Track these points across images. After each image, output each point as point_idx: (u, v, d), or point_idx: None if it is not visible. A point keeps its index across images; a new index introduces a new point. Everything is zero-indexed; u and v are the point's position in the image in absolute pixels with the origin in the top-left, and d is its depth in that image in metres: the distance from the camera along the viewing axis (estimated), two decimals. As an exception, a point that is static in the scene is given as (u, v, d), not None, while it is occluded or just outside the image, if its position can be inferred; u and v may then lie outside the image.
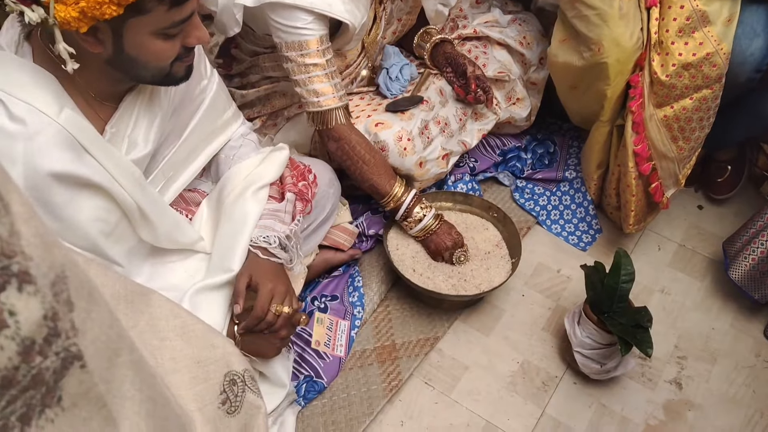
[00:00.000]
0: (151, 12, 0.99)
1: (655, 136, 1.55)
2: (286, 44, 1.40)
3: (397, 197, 1.52)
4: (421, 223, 1.55)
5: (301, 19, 1.36)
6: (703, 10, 1.46)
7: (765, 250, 1.55)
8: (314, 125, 1.49)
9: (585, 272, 1.46)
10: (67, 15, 0.93)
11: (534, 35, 1.82)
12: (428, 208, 1.55)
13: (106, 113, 1.15)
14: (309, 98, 1.44)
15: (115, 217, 1.14)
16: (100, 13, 0.93)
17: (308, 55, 1.39)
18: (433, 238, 1.56)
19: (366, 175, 1.50)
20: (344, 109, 1.47)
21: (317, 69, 1.40)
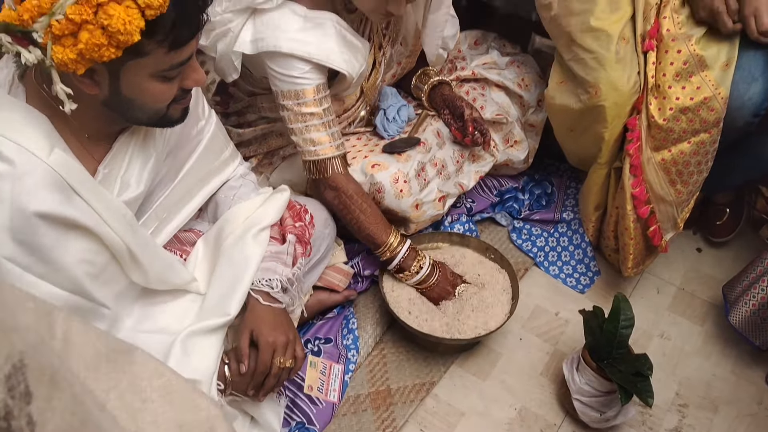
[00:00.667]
0: (150, 55, 0.98)
1: (653, 180, 1.54)
2: (282, 93, 1.40)
3: (392, 248, 1.51)
4: (417, 275, 1.53)
5: (298, 68, 1.36)
6: (700, 55, 1.46)
7: (765, 296, 1.53)
8: (310, 174, 1.47)
9: (583, 317, 1.43)
10: (64, 57, 0.92)
11: (532, 77, 1.83)
12: (423, 259, 1.53)
13: (100, 153, 1.14)
14: (305, 147, 1.43)
15: (103, 259, 1.12)
16: (98, 55, 0.92)
17: (305, 104, 1.39)
18: (434, 288, 1.55)
19: (362, 225, 1.49)
20: (342, 158, 1.46)
21: (314, 118, 1.40)
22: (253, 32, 1.38)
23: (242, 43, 1.38)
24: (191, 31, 1.02)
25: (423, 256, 1.54)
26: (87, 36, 0.91)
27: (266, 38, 1.36)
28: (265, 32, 1.36)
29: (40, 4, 0.90)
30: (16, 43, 0.93)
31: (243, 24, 1.38)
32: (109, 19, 0.89)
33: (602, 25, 1.50)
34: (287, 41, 1.34)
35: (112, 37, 0.91)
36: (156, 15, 0.93)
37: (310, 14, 1.37)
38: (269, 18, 1.36)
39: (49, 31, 0.91)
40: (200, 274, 1.33)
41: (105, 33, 0.91)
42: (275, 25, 1.35)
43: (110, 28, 0.90)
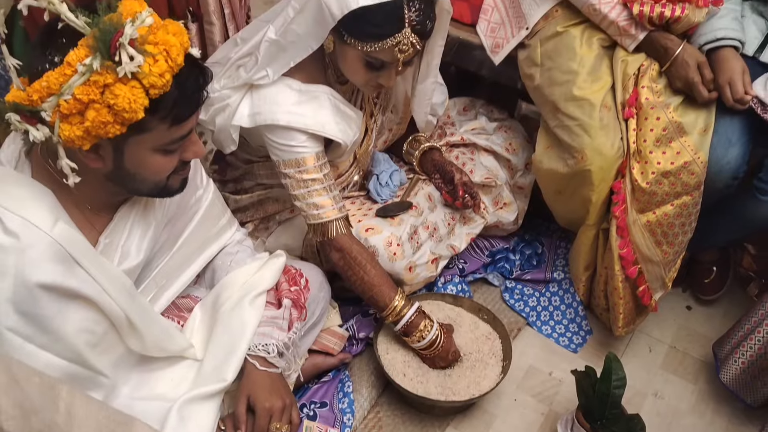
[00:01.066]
0: (153, 130, 1.03)
1: (640, 241, 1.58)
2: (284, 162, 1.45)
3: (397, 310, 1.50)
4: (423, 341, 1.52)
5: (297, 138, 1.42)
6: (678, 122, 1.53)
7: (754, 354, 1.55)
8: (316, 236, 1.51)
9: (576, 378, 1.45)
10: (71, 134, 0.97)
11: (519, 142, 1.89)
12: (429, 328, 1.52)
13: (101, 224, 1.17)
14: (309, 211, 1.47)
15: (103, 328, 1.15)
16: (104, 132, 0.97)
17: (306, 171, 1.44)
18: (433, 356, 1.55)
19: (367, 286, 1.50)
20: (344, 219, 1.50)
21: (315, 183, 1.45)
22: (251, 106, 1.44)
23: (240, 117, 1.44)
24: (192, 108, 1.07)
25: (431, 322, 1.53)
26: (94, 114, 0.96)
27: (264, 112, 1.42)
28: (262, 107, 1.42)
29: (50, 86, 0.95)
30: (25, 121, 0.98)
31: (240, 99, 1.44)
32: (116, 98, 0.95)
33: (585, 94, 1.57)
34: (284, 114, 1.40)
35: (118, 115, 0.96)
36: (159, 94, 0.98)
37: (304, 88, 1.44)
38: (266, 93, 1.42)
39: (57, 110, 0.96)
40: (197, 340, 1.35)
41: (111, 111, 0.96)
42: (272, 99, 1.41)
43: (116, 107, 0.95)
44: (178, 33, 1.01)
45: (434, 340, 1.52)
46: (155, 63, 0.96)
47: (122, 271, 1.17)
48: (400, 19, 1.29)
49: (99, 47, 0.93)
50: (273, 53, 1.39)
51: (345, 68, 1.43)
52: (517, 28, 1.74)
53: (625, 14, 1.54)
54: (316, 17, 1.31)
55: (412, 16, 1.30)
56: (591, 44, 1.60)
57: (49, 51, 0.98)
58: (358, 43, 1.33)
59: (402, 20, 1.29)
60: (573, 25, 1.63)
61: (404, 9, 1.28)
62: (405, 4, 1.28)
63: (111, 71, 0.94)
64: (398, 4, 1.28)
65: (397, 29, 1.30)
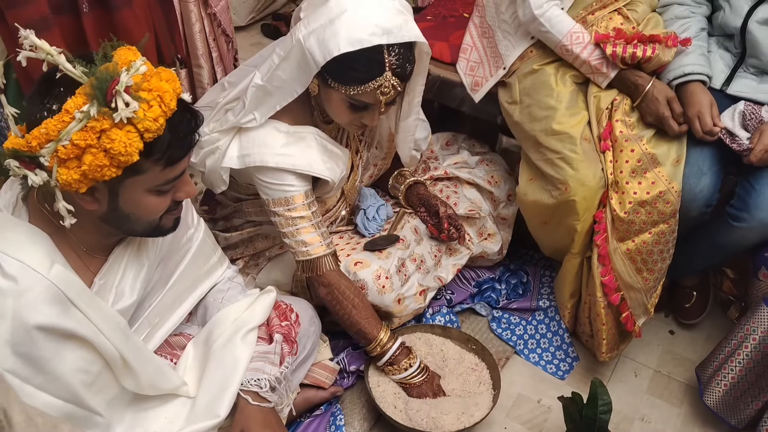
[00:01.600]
0: (147, 172, 1.07)
1: (621, 269, 1.63)
2: (273, 201, 1.49)
3: (383, 343, 1.56)
4: (405, 372, 1.57)
5: (285, 178, 1.47)
6: (652, 153, 1.59)
7: (735, 376, 1.59)
8: (304, 273, 1.54)
9: (563, 404, 1.48)
10: (69, 178, 1.01)
11: (501, 174, 1.95)
12: (414, 359, 1.58)
13: (96, 265, 1.20)
14: (298, 248, 1.51)
15: (98, 368, 1.17)
16: (100, 175, 1.01)
17: (295, 209, 1.48)
18: (415, 388, 1.59)
19: (355, 319, 1.54)
20: (332, 255, 1.54)
21: (304, 221, 1.49)
22: (239, 148, 1.49)
23: (230, 158, 1.49)
24: (184, 150, 1.11)
25: (414, 357, 1.59)
26: (91, 158, 1.00)
27: (253, 154, 1.46)
28: (251, 149, 1.47)
29: (48, 132, 0.99)
30: (24, 167, 1.02)
31: (229, 142, 1.49)
32: (112, 143, 0.99)
33: (564, 128, 1.63)
34: (273, 156, 1.45)
35: (114, 158, 1.00)
36: (153, 137, 1.03)
37: (291, 129, 1.49)
38: (254, 135, 1.47)
39: (55, 156, 1.00)
40: (190, 377, 1.37)
41: (107, 155, 1.00)
42: (261, 142, 1.46)
43: (112, 151, 0.99)
44: (170, 79, 1.06)
45: (415, 374, 1.57)
46: (150, 108, 1.01)
47: (117, 311, 1.19)
48: (381, 63, 1.35)
49: (96, 95, 0.98)
50: (260, 98, 1.45)
51: (330, 110, 1.48)
52: (495, 67, 1.81)
53: (597, 53, 1.61)
54: (300, 63, 1.37)
55: (392, 60, 1.35)
56: (565, 81, 1.67)
57: (47, 100, 1.02)
58: (342, 87, 1.38)
59: (382, 65, 1.35)
60: (547, 63, 1.70)
61: (384, 54, 1.34)
62: (385, 49, 1.34)
63: (107, 117, 0.98)
64: (378, 50, 1.33)
65: (378, 73, 1.36)
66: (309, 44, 1.34)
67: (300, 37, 1.35)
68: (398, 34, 1.34)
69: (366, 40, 1.31)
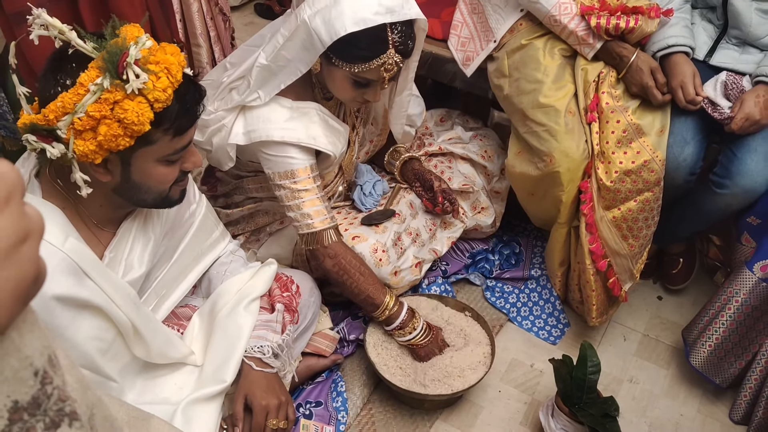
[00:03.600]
0: (157, 142, 1.13)
1: (607, 236, 1.69)
2: (278, 174, 1.54)
3: (390, 307, 1.60)
4: (411, 335, 1.62)
5: (290, 151, 1.52)
6: (637, 123, 1.65)
7: (719, 337, 1.66)
8: (307, 246, 1.57)
9: (554, 366, 1.55)
10: (85, 148, 1.06)
11: (494, 149, 2.00)
12: (418, 321, 1.63)
13: (106, 238, 1.26)
14: (303, 221, 1.55)
15: (111, 336, 1.23)
16: (115, 144, 1.07)
17: (300, 182, 1.53)
18: (423, 348, 1.64)
19: (363, 287, 1.58)
20: (335, 228, 1.58)
21: (309, 194, 1.54)
22: (245, 125, 1.53)
23: (236, 135, 1.54)
24: (191, 119, 1.17)
25: (418, 318, 1.64)
26: (105, 129, 1.05)
27: (258, 129, 1.51)
28: (256, 125, 1.51)
29: (65, 105, 1.04)
30: (41, 140, 1.07)
31: (234, 119, 1.54)
32: (125, 113, 1.04)
33: (550, 102, 1.68)
34: (278, 130, 1.50)
35: (127, 128, 1.06)
36: (163, 107, 1.08)
37: (295, 105, 1.54)
38: (259, 112, 1.52)
39: (71, 128, 1.05)
40: (197, 346, 1.43)
41: (121, 125, 1.06)
42: (266, 117, 1.51)
43: (126, 121, 1.05)
44: (175, 53, 1.11)
45: (421, 335, 1.62)
46: (158, 80, 1.06)
47: (127, 283, 1.25)
48: (384, 41, 1.40)
49: (108, 68, 1.03)
50: (264, 77, 1.49)
51: (333, 87, 1.53)
52: (485, 41, 1.86)
53: (583, 25, 1.66)
54: (305, 43, 1.41)
55: (395, 38, 1.41)
56: (553, 54, 1.72)
57: (60, 76, 1.07)
58: (346, 65, 1.43)
59: (386, 43, 1.40)
60: (536, 37, 1.74)
61: (388, 32, 1.39)
62: (388, 28, 1.39)
63: (120, 89, 1.04)
64: (382, 28, 1.38)
65: (382, 51, 1.41)
66: (315, 24, 1.38)
67: (305, 17, 1.39)
68: (401, 13, 1.39)
69: (370, 19, 1.36)
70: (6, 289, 0.34)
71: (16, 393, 0.36)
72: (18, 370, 0.36)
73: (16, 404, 0.36)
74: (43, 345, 0.39)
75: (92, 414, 0.46)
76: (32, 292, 0.37)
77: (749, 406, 1.67)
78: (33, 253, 0.36)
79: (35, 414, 0.37)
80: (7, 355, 0.36)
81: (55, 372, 0.40)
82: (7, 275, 0.33)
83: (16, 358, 0.36)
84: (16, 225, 0.34)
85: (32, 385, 0.37)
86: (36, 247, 0.36)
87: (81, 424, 0.41)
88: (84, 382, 0.46)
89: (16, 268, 0.34)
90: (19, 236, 0.34)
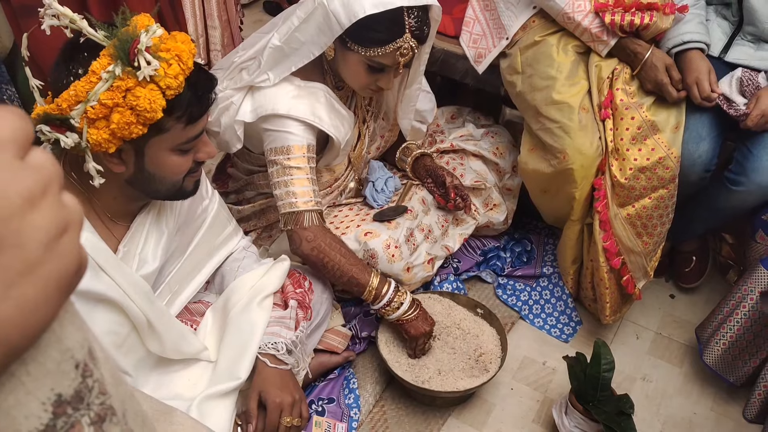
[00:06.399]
0: (170, 131, 1.13)
1: (621, 233, 1.69)
2: (274, 149, 1.52)
3: (375, 286, 1.55)
4: (398, 311, 1.58)
5: (291, 126, 1.50)
6: (652, 120, 1.64)
7: (734, 335, 1.65)
8: (286, 226, 1.53)
9: (567, 363, 1.54)
10: (98, 137, 1.06)
11: (506, 146, 2.00)
12: (404, 296, 1.59)
13: (120, 232, 1.26)
14: (286, 199, 1.51)
15: (126, 330, 1.23)
16: (128, 132, 1.06)
17: (293, 159, 1.50)
18: (412, 323, 1.59)
19: (345, 268, 1.53)
20: (318, 213, 1.53)
21: (299, 172, 1.51)
22: (253, 103, 1.53)
23: (243, 113, 1.54)
24: (203, 107, 1.17)
25: (403, 293, 1.60)
26: (118, 117, 1.05)
27: (265, 104, 1.51)
28: (263, 101, 1.51)
29: (77, 94, 1.04)
30: (54, 130, 1.07)
31: (243, 98, 1.54)
32: (137, 100, 1.04)
33: (563, 98, 1.67)
34: (284, 105, 1.50)
35: (140, 115, 1.05)
36: (174, 95, 1.08)
37: (303, 84, 1.54)
38: (266, 91, 1.52)
39: (84, 117, 1.05)
40: (210, 342, 1.43)
41: (134, 112, 1.05)
42: (273, 94, 1.51)
43: (138, 108, 1.04)
44: (185, 41, 1.11)
45: (407, 310, 1.58)
46: (169, 67, 1.06)
47: (140, 277, 1.25)
48: (401, 25, 1.41)
49: (119, 55, 1.03)
50: (276, 58, 1.49)
51: (346, 72, 1.53)
52: (498, 38, 1.85)
53: (597, 22, 1.65)
54: (321, 26, 1.42)
55: (411, 22, 1.41)
56: (567, 51, 1.71)
57: (72, 65, 1.07)
58: (361, 49, 1.43)
59: (402, 26, 1.41)
60: (549, 33, 1.74)
61: (404, 16, 1.40)
62: (405, 12, 1.40)
63: (131, 76, 1.03)
64: (399, 12, 1.39)
65: (399, 35, 1.41)
66: (333, 6, 1.38)
67: (323, 0, 1.39)
68: None
69: (389, 2, 1.37)
70: (49, 283, 0.33)
71: (59, 386, 0.35)
72: (60, 362, 0.36)
73: (59, 397, 0.35)
74: (83, 337, 0.39)
75: (125, 409, 0.45)
76: (74, 283, 0.36)
77: (763, 405, 1.66)
78: (73, 244, 0.35)
79: (79, 408, 0.37)
80: (48, 346, 0.35)
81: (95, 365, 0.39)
82: (50, 269, 0.33)
83: (58, 349, 0.36)
84: (55, 218, 0.33)
85: (74, 378, 0.36)
86: (76, 237, 0.36)
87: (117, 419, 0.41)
88: (117, 376, 0.45)
89: (58, 261, 0.34)
90: (58, 229, 0.34)
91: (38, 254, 0.32)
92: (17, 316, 0.31)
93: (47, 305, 0.33)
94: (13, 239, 0.31)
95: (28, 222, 0.32)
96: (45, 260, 0.33)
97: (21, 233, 0.31)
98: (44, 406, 0.35)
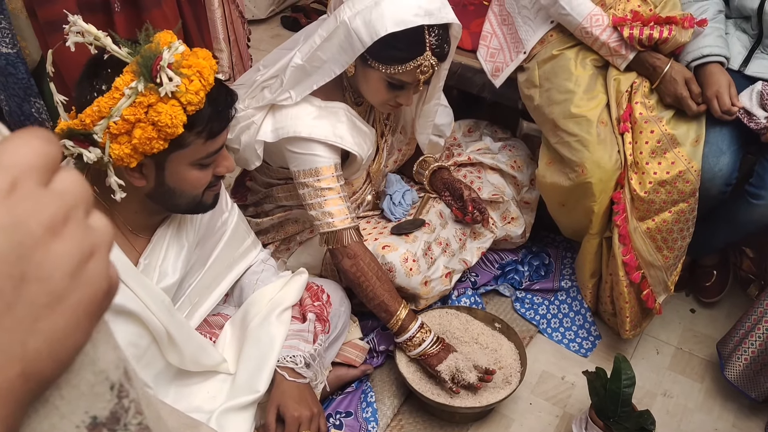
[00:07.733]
0: (190, 145, 1.14)
1: (641, 247, 1.67)
2: (303, 171, 1.54)
3: (402, 318, 1.57)
4: (421, 347, 1.58)
5: (316, 148, 1.52)
6: (671, 134, 1.63)
7: (756, 350, 1.63)
8: (327, 245, 1.57)
9: (587, 378, 1.53)
10: (120, 152, 1.07)
11: (523, 159, 1.99)
12: (427, 333, 1.59)
13: (140, 245, 1.27)
14: (323, 219, 1.54)
15: (146, 342, 1.24)
16: (149, 147, 1.08)
17: (324, 180, 1.53)
18: (434, 357, 1.59)
19: (378, 291, 1.56)
20: (356, 229, 1.57)
21: (331, 193, 1.53)
22: (274, 123, 1.55)
23: (264, 133, 1.55)
24: (223, 123, 1.18)
25: (426, 330, 1.61)
26: (140, 132, 1.06)
27: (286, 126, 1.52)
28: (285, 122, 1.53)
29: (101, 109, 1.06)
30: (78, 145, 1.08)
31: (264, 117, 1.55)
32: (159, 115, 1.06)
33: (582, 112, 1.67)
34: (305, 127, 1.51)
35: (161, 131, 1.07)
36: (195, 110, 1.09)
37: (323, 104, 1.55)
38: (287, 111, 1.54)
39: (107, 132, 1.07)
40: (229, 355, 1.44)
41: (155, 128, 1.07)
42: (294, 115, 1.53)
43: (159, 123, 1.06)
44: (206, 57, 1.13)
45: (432, 344, 1.59)
46: (191, 83, 1.08)
47: (161, 290, 1.26)
48: (422, 43, 1.42)
49: (142, 71, 1.05)
50: (298, 77, 1.51)
51: (366, 89, 1.54)
52: (515, 52, 1.85)
53: (616, 36, 1.65)
54: (343, 44, 1.43)
55: (432, 40, 1.42)
56: (585, 65, 1.71)
57: (96, 81, 1.09)
58: (382, 66, 1.45)
59: (423, 44, 1.42)
60: (567, 47, 1.74)
61: (425, 34, 1.41)
62: (426, 30, 1.41)
63: (153, 92, 1.05)
64: (420, 30, 1.40)
65: (420, 53, 1.42)
66: (355, 25, 1.39)
67: (345, 18, 1.41)
68: (438, 16, 1.40)
69: (410, 20, 1.38)
70: (78, 310, 0.32)
71: (93, 408, 0.35)
72: (94, 384, 0.35)
73: (94, 420, 0.35)
74: (118, 357, 0.38)
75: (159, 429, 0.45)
76: (105, 306, 0.35)
77: (787, 422, 1.64)
78: (101, 268, 0.34)
79: (115, 429, 0.36)
80: (82, 369, 0.35)
81: (131, 385, 0.39)
82: (78, 296, 0.32)
83: (92, 371, 0.35)
84: (80, 244, 0.32)
85: (109, 400, 0.36)
86: (104, 260, 0.34)
87: None
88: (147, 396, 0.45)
89: (85, 287, 0.32)
90: (84, 255, 0.32)
91: (64, 284, 0.31)
92: (48, 348, 0.31)
93: (77, 332, 0.33)
94: (36, 272, 0.30)
95: (51, 252, 0.31)
96: (72, 289, 0.32)
97: (44, 265, 0.30)
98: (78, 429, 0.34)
